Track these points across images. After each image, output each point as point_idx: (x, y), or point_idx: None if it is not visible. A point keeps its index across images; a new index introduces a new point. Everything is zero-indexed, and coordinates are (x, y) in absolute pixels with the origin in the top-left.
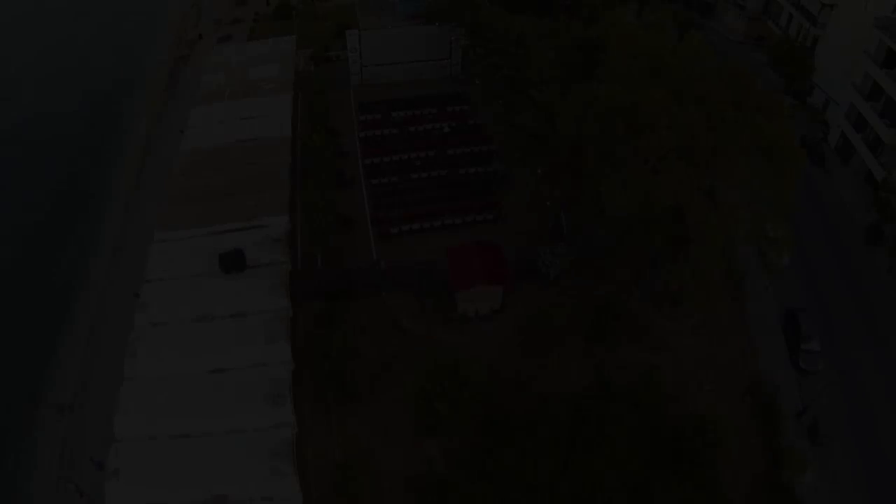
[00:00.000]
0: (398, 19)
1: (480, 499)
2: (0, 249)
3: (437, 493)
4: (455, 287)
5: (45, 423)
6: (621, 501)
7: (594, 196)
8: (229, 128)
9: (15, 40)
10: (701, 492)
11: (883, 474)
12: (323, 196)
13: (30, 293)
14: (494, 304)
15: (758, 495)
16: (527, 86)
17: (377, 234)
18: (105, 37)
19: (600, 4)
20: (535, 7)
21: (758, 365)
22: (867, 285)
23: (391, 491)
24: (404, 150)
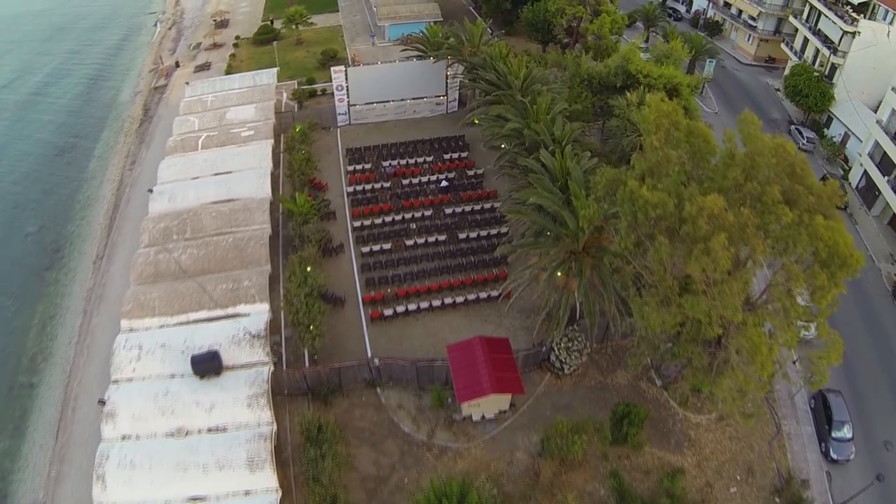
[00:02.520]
0: (387, 45)
1: None
2: None
3: None
4: (461, 399)
5: None
6: None
7: (616, 288)
8: (202, 186)
9: None
10: None
11: None
12: (307, 280)
13: None
14: (503, 405)
15: None
16: (537, 144)
17: (370, 317)
18: (80, 62)
19: (608, 31)
20: (538, 33)
21: (786, 457)
22: None
23: None
24: (398, 208)
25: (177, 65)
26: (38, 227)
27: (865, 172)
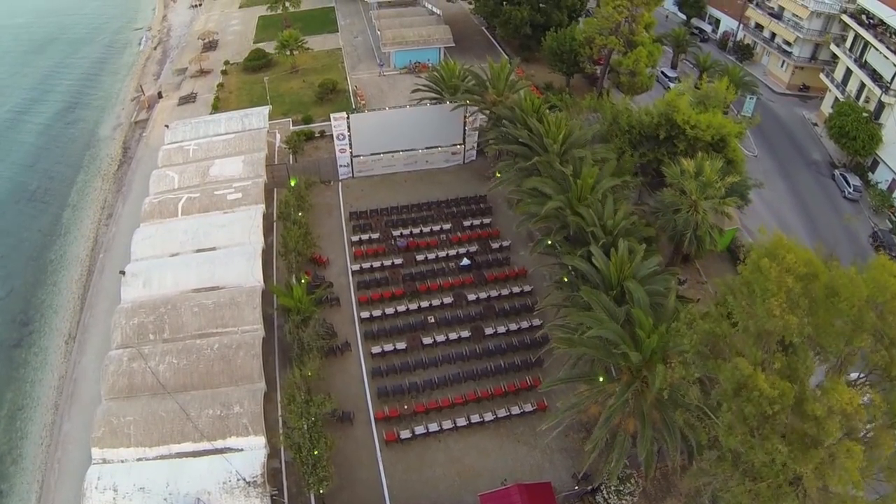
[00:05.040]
0: (394, 73)
1: None
2: None
3: None
4: None
5: None
6: None
7: (684, 434)
8: (182, 267)
9: None
10: None
11: None
12: (309, 408)
13: None
14: None
15: None
16: (584, 234)
17: (384, 439)
18: (59, 85)
19: (643, 66)
20: (562, 64)
21: None
22: None
23: None
24: (412, 293)
25: (159, 95)
26: (6, 291)
27: None
